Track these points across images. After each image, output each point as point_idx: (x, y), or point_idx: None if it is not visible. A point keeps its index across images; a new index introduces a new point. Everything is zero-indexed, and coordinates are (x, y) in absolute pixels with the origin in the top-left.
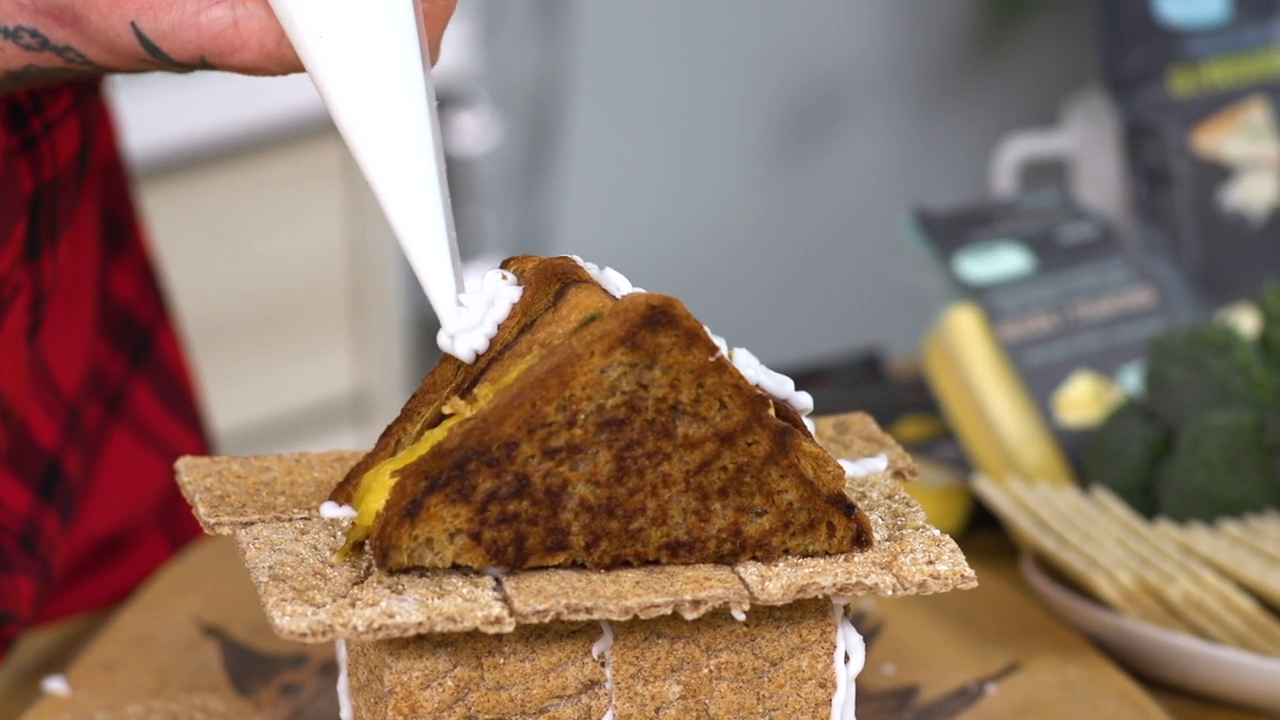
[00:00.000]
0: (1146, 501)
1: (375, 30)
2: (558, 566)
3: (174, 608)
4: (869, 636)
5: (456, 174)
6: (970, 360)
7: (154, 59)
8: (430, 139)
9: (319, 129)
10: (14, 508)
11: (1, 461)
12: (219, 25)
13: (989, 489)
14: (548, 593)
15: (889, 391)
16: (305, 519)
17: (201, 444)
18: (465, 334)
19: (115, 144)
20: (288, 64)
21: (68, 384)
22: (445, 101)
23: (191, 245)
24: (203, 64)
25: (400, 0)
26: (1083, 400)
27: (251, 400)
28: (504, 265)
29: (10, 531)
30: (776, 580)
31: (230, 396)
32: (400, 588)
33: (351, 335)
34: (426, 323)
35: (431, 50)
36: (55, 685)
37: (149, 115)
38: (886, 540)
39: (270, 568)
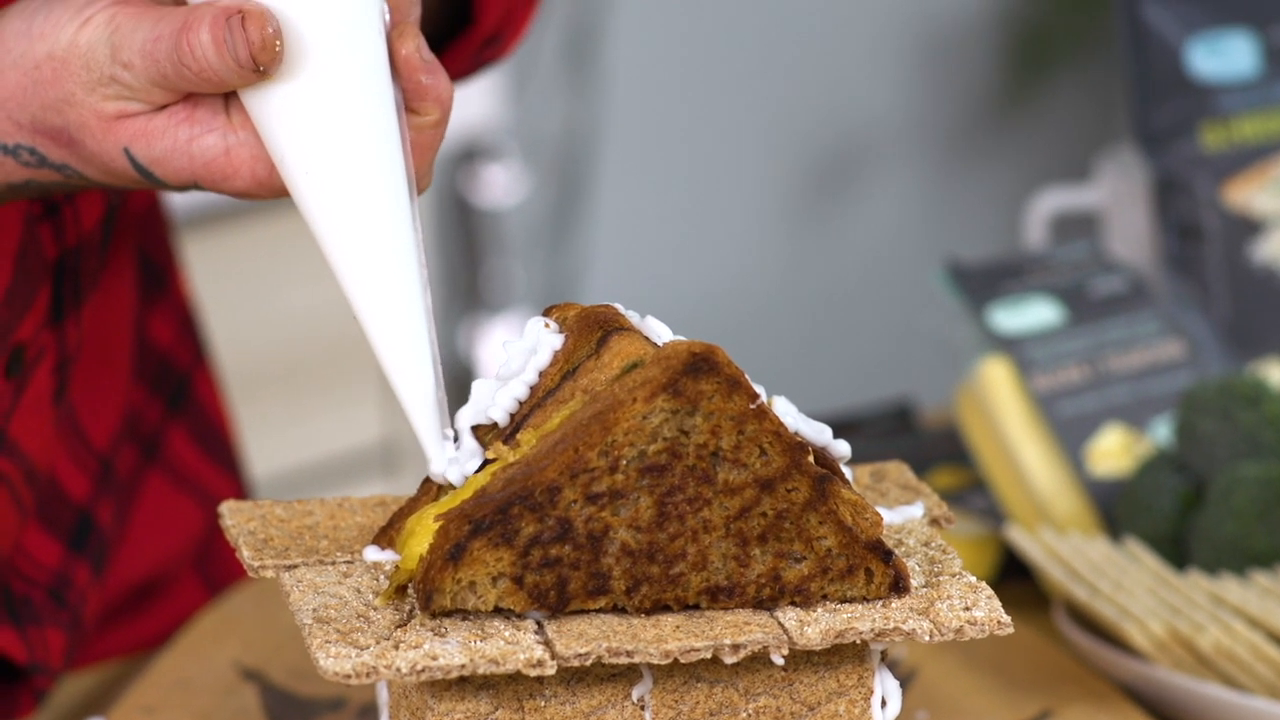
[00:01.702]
0: (1177, 552)
1: (362, 165)
2: (599, 610)
3: (213, 651)
4: (903, 684)
5: (486, 226)
6: (1002, 411)
7: (147, 182)
8: (415, 271)
9: None
10: (43, 561)
11: (30, 517)
12: (211, 154)
13: (1021, 539)
14: (589, 636)
15: (921, 441)
16: (348, 562)
17: (238, 489)
18: (454, 466)
19: (151, 194)
20: (278, 191)
21: (99, 436)
22: (475, 154)
23: (222, 296)
24: (196, 187)
25: (388, 133)
26: (1114, 451)
27: (281, 450)
28: (546, 313)
29: (39, 585)
30: (815, 625)
31: (260, 447)
32: (443, 630)
33: (381, 386)
34: (455, 373)
35: (419, 178)
36: None
37: None
38: (924, 586)
39: (314, 610)
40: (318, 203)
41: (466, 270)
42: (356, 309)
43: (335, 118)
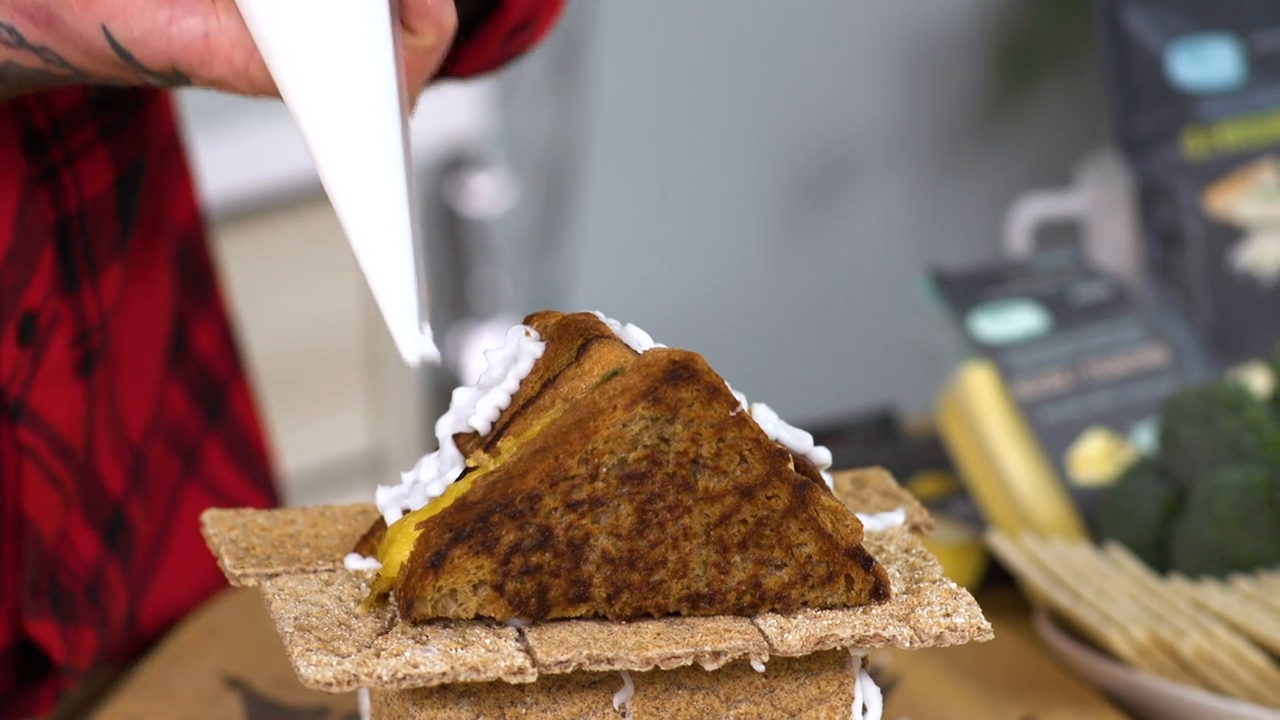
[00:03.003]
0: (1159, 558)
1: (346, 62)
2: (579, 618)
3: (197, 660)
4: (885, 690)
5: (472, 234)
6: (985, 418)
7: (127, 65)
8: (403, 178)
9: None
10: (85, 554)
11: (75, 502)
12: (189, 36)
13: (1003, 545)
14: (570, 643)
15: (904, 449)
16: (330, 571)
17: (270, 504)
18: (432, 351)
19: (195, 201)
20: (256, 84)
21: (136, 428)
22: (461, 163)
23: None
24: (176, 75)
25: (377, 36)
26: (1096, 458)
27: None
28: (527, 321)
29: (80, 579)
30: (795, 632)
31: None
32: (424, 638)
33: (367, 394)
34: (441, 381)
35: (411, 103)
36: None
37: None
38: (904, 593)
39: (296, 618)
40: (298, 98)
41: (453, 279)
42: (340, 211)
43: (320, 9)
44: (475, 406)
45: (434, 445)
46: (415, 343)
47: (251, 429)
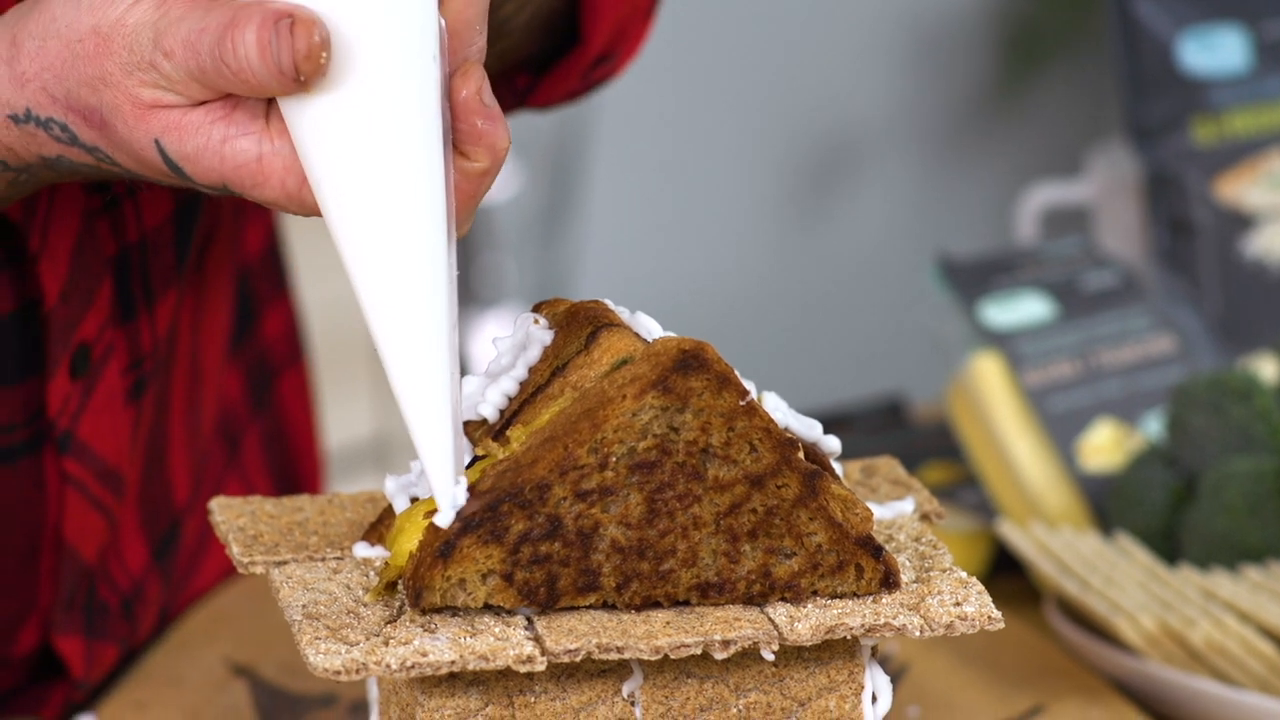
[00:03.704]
0: (1168, 546)
1: (397, 196)
2: (589, 607)
3: (204, 648)
4: (894, 679)
5: (478, 221)
6: (993, 406)
7: (178, 177)
8: (444, 314)
9: None
10: (132, 567)
11: (132, 512)
12: (243, 158)
13: (1012, 533)
14: (579, 632)
15: (912, 437)
16: (338, 559)
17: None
18: (464, 499)
19: (269, 234)
20: (308, 208)
21: (207, 428)
22: None
23: None
24: (225, 190)
25: (429, 168)
26: (1105, 446)
27: None
28: (536, 309)
29: (120, 592)
30: (805, 621)
31: None
32: (433, 627)
33: (372, 381)
34: None
35: (460, 224)
36: None
37: None
38: (914, 582)
39: (304, 606)
40: (347, 229)
41: (459, 265)
42: (377, 344)
43: (374, 142)
44: (484, 395)
45: None
46: (450, 497)
47: (295, 418)
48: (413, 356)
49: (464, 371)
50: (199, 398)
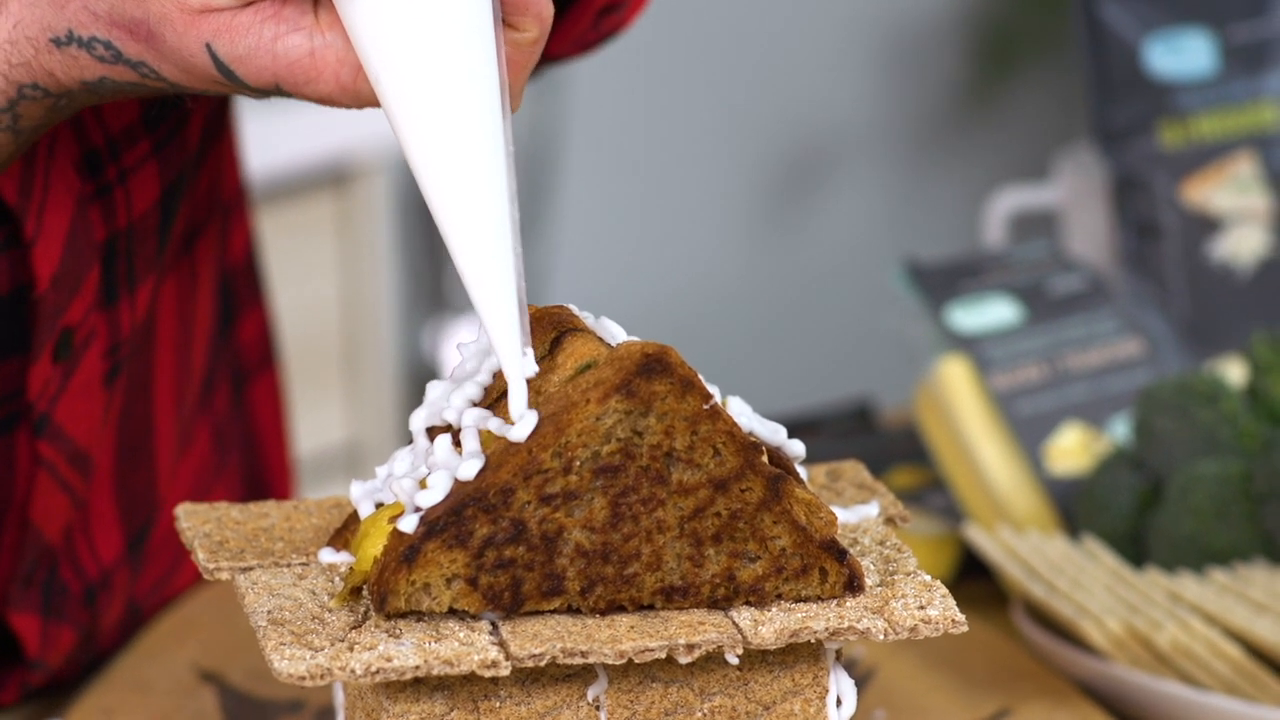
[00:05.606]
0: (1135, 550)
1: (453, 75)
2: (553, 611)
3: (172, 654)
4: (860, 683)
5: None
6: (960, 410)
7: (228, 82)
8: (504, 188)
9: (313, 183)
10: (103, 555)
11: (111, 498)
12: (295, 54)
13: (979, 537)
14: (543, 637)
15: (880, 441)
16: (304, 564)
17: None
18: (533, 370)
19: (248, 228)
20: (363, 98)
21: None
22: None
23: None
24: (278, 91)
25: (483, 44)
26: (1072, 450)
27: None
28: None
29: (85, 579)
30: (769, 625)
31: None
32: (398, 632)
33: (344, 387)
34: (418, 375)
35: (513, 98)
36: None
37: None
38: (878, 586)
39: (269, 612)
40: (405, 112)
41: (430, 271)
42: (441, 224)
43: (427, 22)
44: (449, 400)
45: (409, 439)
46: (519, 367)
47: (265, 423)
48: (478, 235)
49: (431, 377)
50: (187, 391)
